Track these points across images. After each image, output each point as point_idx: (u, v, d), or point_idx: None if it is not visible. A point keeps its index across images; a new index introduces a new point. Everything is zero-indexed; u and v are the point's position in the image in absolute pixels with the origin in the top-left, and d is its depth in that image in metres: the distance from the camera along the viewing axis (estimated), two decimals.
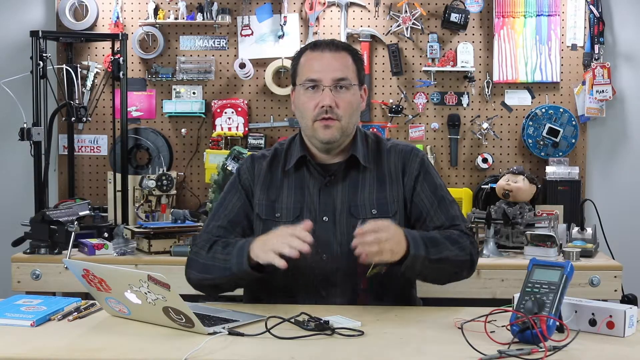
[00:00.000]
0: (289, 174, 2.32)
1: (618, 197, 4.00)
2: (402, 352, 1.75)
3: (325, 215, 2.26)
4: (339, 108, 2.22)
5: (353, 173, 2.30)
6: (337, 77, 2.23)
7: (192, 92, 4.01)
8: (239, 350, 1.74)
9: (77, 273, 1.96)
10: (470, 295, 3.06)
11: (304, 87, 2.26)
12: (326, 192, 2.28)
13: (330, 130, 2.22)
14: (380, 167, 2.31)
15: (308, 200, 2.27)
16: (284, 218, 2.27)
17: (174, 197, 3.76)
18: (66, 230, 3.13)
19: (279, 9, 3.96)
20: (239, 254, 2.13)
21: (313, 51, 2.28)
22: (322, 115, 2.21)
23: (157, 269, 3.06)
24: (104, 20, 3.97)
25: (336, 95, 2.22)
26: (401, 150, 2.34)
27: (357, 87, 2.28)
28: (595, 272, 3.18)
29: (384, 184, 2.29)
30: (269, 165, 2.35)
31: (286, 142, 2.40)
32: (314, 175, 2.30)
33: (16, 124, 3.65)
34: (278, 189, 2.31)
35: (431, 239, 2.14)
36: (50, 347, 1.77)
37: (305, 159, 2.30)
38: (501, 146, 4.00)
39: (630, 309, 1.86)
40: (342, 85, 2.23)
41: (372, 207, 2.27)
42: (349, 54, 2.28)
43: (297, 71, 2.31)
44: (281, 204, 2.29)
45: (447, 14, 3.89)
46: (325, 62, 2.24)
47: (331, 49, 2.26)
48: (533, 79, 3.96)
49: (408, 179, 2.30)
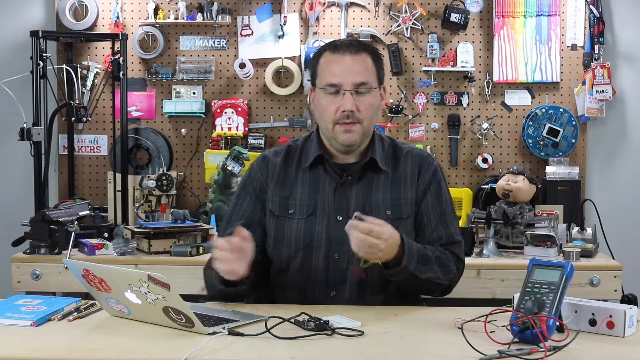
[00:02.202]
0: (304, 171, 2.32)
1: (618, 197, 4.00)
2: (402, 352, 1.75)
3: (339, 214, 2.26)
4: (360, 112, 2.21)
5: (369, 174, 2.30)
6: (357, 81, 2.21)
7: (192, 92, 4.01)
8: (239, 350, 1.74)
9: (77, 273, 1.96)
10: (470, 295, 3.06)
11: (324, 91, 2.24)
12: (341, 191, 2.28)
13: (351, 134, 2.22)
14: (397, 170, 2.32)
15: (323, 199, 2.28)
16: (298, 214, 2.28)
17: (174, 197, 3.76)
18: (66, 230, 3.13)
19: (279, 9, 3.96)
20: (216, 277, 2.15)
21: (333, 53, 2.25)
22: (344, 119, 2.21)
23: (157, 269, 3.06)
24: (104, 20, 3.97)
25: (357, 99, 2.21)
26: (417, 157, 2.35)
27: (377, 89, 2.27)
28: (595, 272, 3.18)
29: (399, 186, 2.30)
30: (283, 162, 2.34)
31: (300, 140, 2.38)
32: (330, 174, 2.30)
33: (16, 124, 3.65)
34: (292, 185, 2.31)
35: (424, 257, 2.17)
36: (50, 347, 1.77)
37: (322, 157, 2.30)
38: (501, 146, 4.00)
39: (630, 309, 1.86)
40: (362, 90, 2.22)
41: (386, 208, 2.27)
42: (368, 55, 2.26)
43: (317, 72, 2.28)
44: (295, 200, 2.29)
45: (447, 14, 3.89)
46: (345, 65, 2.22)
47: (351, 51, 2.23)
48: (533, 79, 3.96)
49: (420, 184, 2.31)
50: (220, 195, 3.63)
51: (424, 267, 2.16)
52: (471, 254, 3.29)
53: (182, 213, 3.41)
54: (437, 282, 2.22)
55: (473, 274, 3.18)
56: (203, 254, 3.25)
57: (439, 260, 2.22)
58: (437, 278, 2.21)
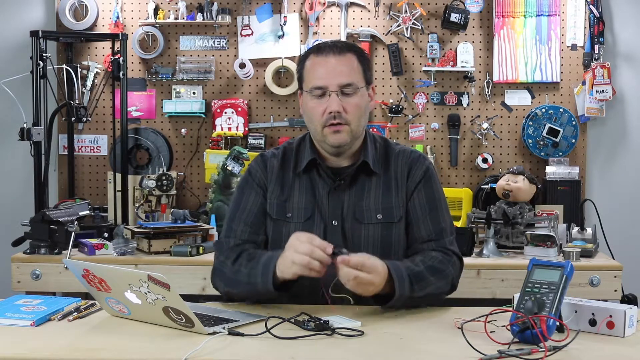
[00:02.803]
0: (300, 175, 2.30)
1: (618, 197, 4.00)
2: (402, 352, 1.75)
3: (334, 219, 2.25)
4: (347, 112, 2.19)
5: (361, 177, 2.28)
6: (343, 82, 2.19)
7: (192, 92, 4.01)
8: (239, 350, 1.74)
9: (77, 273, 1.96)
10: (470, 295, 3.06)
11: (310, 94, 2.22)
12: (335, 195, 2.27)
13: (340, 134, 2.20)
14: (388, 172, 2.30)
15: (319, 203, 2.26)
16: (295, 218, 2.26)
17: (174, 197, 3.76)
18: (66, 230, 3.13)
19: (279, 9, 3.96)
20: (264, 272, 2.09)
21: (317, 56, 2.23)
22: (331, 120, 2.19)
23: (157, 269, 3.06)
24: (104, 20, 3.97)
25: (343, 99, 2.19)
26: (409, 156, 2.32)
27: (364, 89, 2.24)
28: (595, 272, 3.18)
29: (390, 189, 2.28)
30: (281, 165, 2.33)
31: (295, 142, 2.37)
32: (324, 178, 2.28)
33: (16, 124, 3.65)
34: (290, 188, 2.29)
35: (416, 275, 2.10)
36: (50, 347, 1.77)
37: (315, 161, 2.29)
38: (501, 146, 4.00)
39: (630, 309, 1.86)
40: (349, 91, 2.20)
41: (377, 212, 2.25)
42: (354, 55, 2.24)
43: (303, 76, 2.27)
44: (292, 203, 2.28)
45: (447, 14, 3.89)
46: (330, 67, 2.20)
47: (335, 52, 2.22)
48: (533, 79, 3.96)
49: (410, 184, 2.29)
50: (220, 195, 3.63)
51: (419, 284, 2.10)
52: (471, 254, 3.29)
53: (182, 213, 3.41)
54: (440, 292, 2.18)
55: (473, 274, 3.18)
56: (203, 254, 3.25)
57: (431, 269, 2.16)
58: (436, 289, 2.16)
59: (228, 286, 2.22)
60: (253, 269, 2.13)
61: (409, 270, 2.10)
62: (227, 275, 2.21)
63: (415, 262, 2.17)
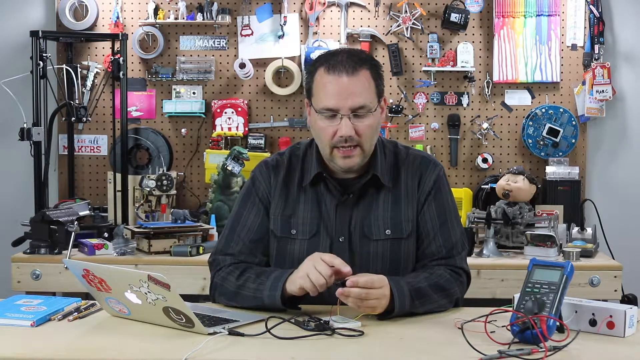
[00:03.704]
0: (306, 188, 2.20)
1: (618, 197, 4.00)
2: (402, 352, 1.75)
3: (341, 235, 2.16)
4: (359, 135, 2.08)
5: (370, 191, 2.18)
6: (356, 105, 2.06)
7: (192, 92, 4.01)
8: (239, 350, 1.74)
9: (77, 273, 1.96)
10: (470, 295, 3.04)
11: (321, 114, 2.09)
12: (342, 210, 2.17)
13: (350, 159, 2.10)
14: (397, 183, 2.20)
15: (325, 218, 2.17)
16: (300, 235, 2.18)
17: (174, 197, 3.75)
18: (66, 230, 3.13)
19: (279, 9, 3.96)
20: (273, 287, 2.03)
21: (328, 73, 2.07)
22: (342, 144, 2.08)
23: (157, 269, 3.06)
24: (104, 20, 3.97)
25: (355, 122, 2.07)
26: (419, 163, 2.22)
27: (377, 107, 2.12)
28: (595, 272, 3.18)
29: (400, 202, 2.18)
30: (285, 178, 2.22)
31: (302, 150, 2.26)
32: (332, 191, 2.18)
33: (16, 124, 3.65)
34: (294, 203, 2.20)
35: (418, 291, 2.04)
36: (50, 347, 1.77)
37: (322, 175, 2.18)
38: (501, 146, 4.00)
39: (630, 309, 1.86)
40: (361, 113, 2.07)
41: (386, 228, 2.16)
42: (367, 70, 2.09)
43: (312, 90, 2.13)
44: (297, 219, 2.19)
45: (447, 14, 3.89)
46: (342, 87, 2.06)
47: (348, 72, 2.06)
48: (533, 79, 3.96)
49: (420, 194, 2.20)
50: (220, 195, 3.63)
51: (421, 300, 2.04)
52: (471, 254, 3.29)
53: (182, 213, 3.41)
54: (440, 308, 2.11)
55: (473, 274, 3.10)
56: (203, 254, 3.25)
57: (436, 286, 2.09)
58: (438, 306, 2.09)
59: (231, 300, 2.14)
60: (262, 283, 2.06)
61: (410, 285, 2.04)
62: (230, 290, 2.13)
63: (419, 278, 2.10)
